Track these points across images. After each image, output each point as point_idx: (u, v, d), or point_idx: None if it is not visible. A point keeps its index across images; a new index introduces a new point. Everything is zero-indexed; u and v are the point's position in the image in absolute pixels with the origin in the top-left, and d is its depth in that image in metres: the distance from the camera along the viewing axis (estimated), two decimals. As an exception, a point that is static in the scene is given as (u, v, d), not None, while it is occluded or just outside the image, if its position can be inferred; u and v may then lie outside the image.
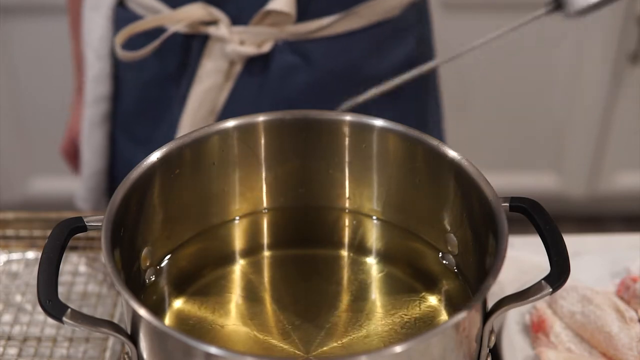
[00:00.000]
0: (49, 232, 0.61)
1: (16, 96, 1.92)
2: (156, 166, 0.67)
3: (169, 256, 0.71)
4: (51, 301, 0.56)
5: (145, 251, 0.68)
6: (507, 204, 0.64)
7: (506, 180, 1.99)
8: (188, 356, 0.53)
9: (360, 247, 0.74)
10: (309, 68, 0.96)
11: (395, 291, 0.70)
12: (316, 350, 0.64)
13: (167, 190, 0.69)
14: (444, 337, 0.55)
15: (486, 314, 0.59)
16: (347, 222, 0.76)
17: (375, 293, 0.70)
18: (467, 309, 0.54)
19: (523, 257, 0.86)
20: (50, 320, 0.71)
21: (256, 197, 0.75)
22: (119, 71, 1.03)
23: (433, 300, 0.68)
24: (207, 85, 0.96)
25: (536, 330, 0.78)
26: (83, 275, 0.86)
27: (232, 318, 0.67)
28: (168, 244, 0.71)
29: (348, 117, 0.72)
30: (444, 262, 0.71)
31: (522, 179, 2.04)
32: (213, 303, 0.68)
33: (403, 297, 0.69)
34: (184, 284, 0.70)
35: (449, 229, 0.70)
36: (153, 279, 0.69)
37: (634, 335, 0.75)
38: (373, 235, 0.75)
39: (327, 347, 0.64)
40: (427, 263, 0.72)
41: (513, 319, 0.80)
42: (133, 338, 0.58)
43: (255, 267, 0.73)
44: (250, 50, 0.93)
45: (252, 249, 0.74)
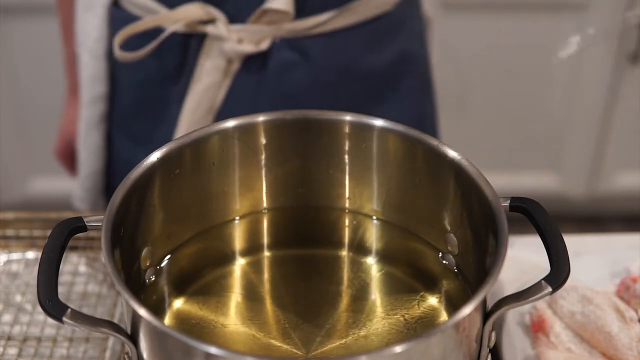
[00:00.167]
0: (49, 232, 0.61)
1: (16, 96, 1.92)
2: (156, 166, 0.67)
3: (169, 256, 0.71)
4: (51, 301, 0.56)
5: (145, 251, 0.68)
6: (507, 204, 0.64)
7: (506, 180, 1.99)
8: (188, 356, 0.53)
9: (360, 247, 0.74)
10: (307, 64, 0.96)
11: (395, 291, 0.70)
12: (316, 350, 0.64)
13: (167, 190, 0.69)
14: (444, 337, 0.55)
15: (486, 314, 0.59)
16: (347, 222, 0.76)
17: (375, 293, 0.70)
18: (467, 309, 0.54)
19: (523, 257, 0.86)
20: (50, 320, 0.71)
21: (256, 197, 0.75)
22: (116, 71, 1.03)
23: (433, 300, 0.68)
24: (206, 83, 0.96)
25: (536, 330, 0.78)
26: (83, 275, 0.86)
27: (232, 318, 0.67)
28: (168, 244, 0.71)
29: (348, 117, 0.72)
30: (444, 262, 0.71)
31: (522, 179, 2.04)
32: (213, 303, 0.68)
33: (403, 297, 0.69)
34: (184, 284, 0.70)
35: (449, 229, 0.70)
36: (153, 279, 0.69)
37: (634, 335, 0.75)
38: (373, 235, 0.75)
39: (327, 347, 0.64)
40: (427, 263, 0.72)
41: (513, 319, 0.80)
42: (133, 338, 0.58)
43: (255, 267, 0.73)
44: (248, 48, 0.93)
45: (252, 249, 0.74)
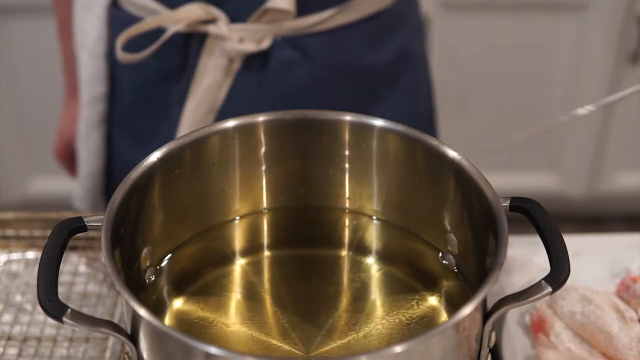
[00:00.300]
0: (49, 232, 0.61)
1: (16, 96, 1.92)
2: (156, 166, 0.67)
3: (169, 256, 0.71)
4: (51, 301, 0.56)
5: (145, 251, 0.68)
6: (507, 204, 0.64)
7: (506, 180, 1.99)
8: (188, 356, 0.53)
9: (360, 247, 0.74)
10: (308, 62, 0.96)
11: (395, 291, 0.70)
12: (316, 350, 0.64)
13: (167, 190, 0.69)
14: (444, 337, 0.55)
15: (486, 314, 0.59)
16: (347, 222, 0.76)
17: (375, 293, 0.70)
18: (467, 309, 0.54)
19: (523, 257, 0.86)
20: (50, 320, 0.71)
21: (256, 197, 0.75)
22: (116, 71, 1.03)
23: (433, 300, 0.68)
24: (207, 82, 0.96)
25: (536, 330, 0.78)
26: (83, 275, 0.86)
27: (232, 318, 0.67)
28: (168, 244, 0.71)
29: (348, 117, 0.72)
30: (444, 262, 0.71)
31: (522, 179, 2.04)
32: (213, 303, 0.68)
33: (403, 297, 0.69)
34: (184, 284, 0.70)
35: (449, 229, 0.70)
36: (153, 279, 0.69)
37: (634, 335, 0.75)
38: (373, 235, 0.75)
39: (327, 347, 0.64)
40: (427, 263, 0.72)
41: (513, 319, 0.80)
42: (133, 338, 0.58)
43: (255, 267, 0.73)
44: (249, 47, 0.94)
45: (252, 249, 0.74)
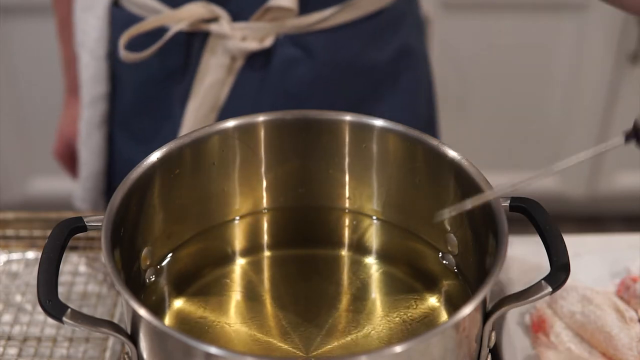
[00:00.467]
0: (49, 232, 0.61)
1: (16, 96, 1.92)
2: (156, 166, 0.67)
3: (169, 256, 0.71)
4: (51, 301, 0.56)
5: (145, 251, 0.68)
6: (507, 204, 0.64)
7: (506, 180, 1.98)
8: (188, 356, 0.53)
9: (360, 247, 0.74)
10: (310, 60, 0.96)
11: (395, 291, 0.70)
12: (316, 350, 0.64)
13: (167, 190, 0.69)
14: (444, 337, 0.55)
15: (486, 314, 0.59)
16: (347, 222, 0.76)
17: (375, 293, 0.70)
18: (467, 309, 0.54)
19: (523, 257, 0.86)
20: (50, 320, 0.71)
21: (256, 197, 0.75)
22: (117, 70, 1.03)
23: (433, 300, 0.68)
24: (210, 81, 0.96)
25: (536, 330, 0.78)
26: (83, 275, 0.85)
27: (232, 318, 0.67)
28: (168, 244, 0.71)
29: (348, 117, 0.72)
30: (444, 262, 0.71)
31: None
32: (213, 303, 0.68)
33: (403, 297, 0.69)
34: (184, 284, 0.70)
35: (449, 229, 0.70)
36: (153, 279, 0.69)
37: (634, 335, 0.75)
38: (373, 235, 0.75)
39: (327, 347, 0.64)
40: (427, 263, 0.72)
41: (513, 319, 0.80)
42: (133, 338, 0.58)
43: (255, 267, 0.73)
44: (252, 45, 0.94)
45: (252, 249, 0.74)
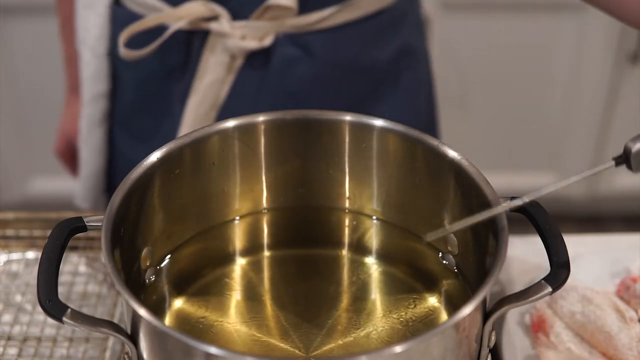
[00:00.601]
0: (49, 232, 0.61)
1: (16, 96, 1.92)
2: (156, 166, 0.67)
3: (169, 256, 0.71)
4: (51, 301, 0.56)
5: (145, 251, 0.68)
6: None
7: (506, 180, 1.99)
8: (188, 356, 0.53)
9: (360, 247, 0.74)
10: (310, 60, 0.96)
11: (395, 291, 0.70)
12: (316, 350, 0.64)
13: (167, 190, 0.69)
14: (444, 337, 0.55)
15: (486, 314, 0.59)
16: (347, 222, 0.76)
17: (375, 293, 0.70)
18: (467, 309, 0.54)
19: (523, 257, 0.86)
20: (50, 320, 0.71)
21: (256, 197, 0.75)
22: (118, 68, 1.03)
23: (433, 300, 0.68)
24: (209, 79, 0.96)
25: (536, 330, 0.78)
26: (83, 275, 0.85)
27: (232, 318, 0.67)
28: (168, 244, 0.71)
29: (348, 117, 0.72)
30: (444, 262, 0.71)
31: (522, 179, 2.04)
32: (213, 303, 0.68)
33: (403, 297, 0.69)
34: (184, 284, 0.70)
35: (449, 233, 0.70)
36: (153, 279, 0.69)
37: (634, 335, 0.75)
38: (373, 235, 0.75)
39: (327, 347, 0.64)
40: (427, 263, 0.72)
41: (513, 319, 0.80)
42: (133, 338, 0.58)
43: (255, 267, 0.73)
44: (251, 44, 0.94)
45: (252, 249, 0.74)
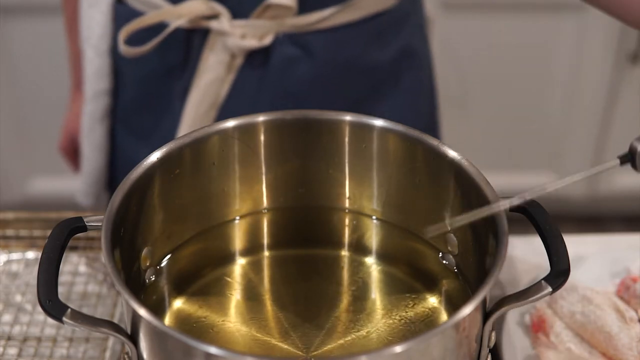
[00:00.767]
0: (49, 232, 0.61)
1: (16, 96, 1.92)
2: (156, 166, 0.67)
3: (169, 256, 0.71)
4: (51, 301, 0.56)
5: (145, 251, 0.68)
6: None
7: (506, 180, 1.99)
8: (188, 356, 0.53)
9: (360, 247, 0.74)
10: (310, 60, 0.96)
11: (395, 291, 0.70)
12: (316, 350, 0.64)
13: (167, 190, 0.69)
14: (444, 337, 0.55)
15: (486, 314, 0.59)
16: (347, 222, 0.76)
17: (375, 293, 0.70)
18: (467, 309, 0.54)
19: (523, 257, 0.86)
20: (50, 320, 0.71)
21: (256, 197, 0.75)
22: (119, 66, 1.03)
23: (433, 300, 0.68)
24: (209, 78, 0.96)
25: (536, 330, 0.78)
26: (83, 275, 0.86)
27: (232, 318, 0.67)
28: (168, 244, 0.71)
29: (348, 117, 0.72)
30: (444, 262, 0.71)
31: (522, 179, 2.04)
32: (213, 303, 0.68)
33: (403, 297, 0.69)
34: (184, 284, 0.70)
35: (449, 229, 0.70)
36: (153, 279, 0.69)
37: (634, 335, 0.75)
38: (373, 235, 0.75)
39: (327, 347, 0.64)
40: (427, 263, 0.72)
41: (513, 319, 0.80)
42: (133, 338, 0.58)
43: (255, 267, 0.73)
44: (251, 43, 0.94)
45: (252, 249, 0.74)
